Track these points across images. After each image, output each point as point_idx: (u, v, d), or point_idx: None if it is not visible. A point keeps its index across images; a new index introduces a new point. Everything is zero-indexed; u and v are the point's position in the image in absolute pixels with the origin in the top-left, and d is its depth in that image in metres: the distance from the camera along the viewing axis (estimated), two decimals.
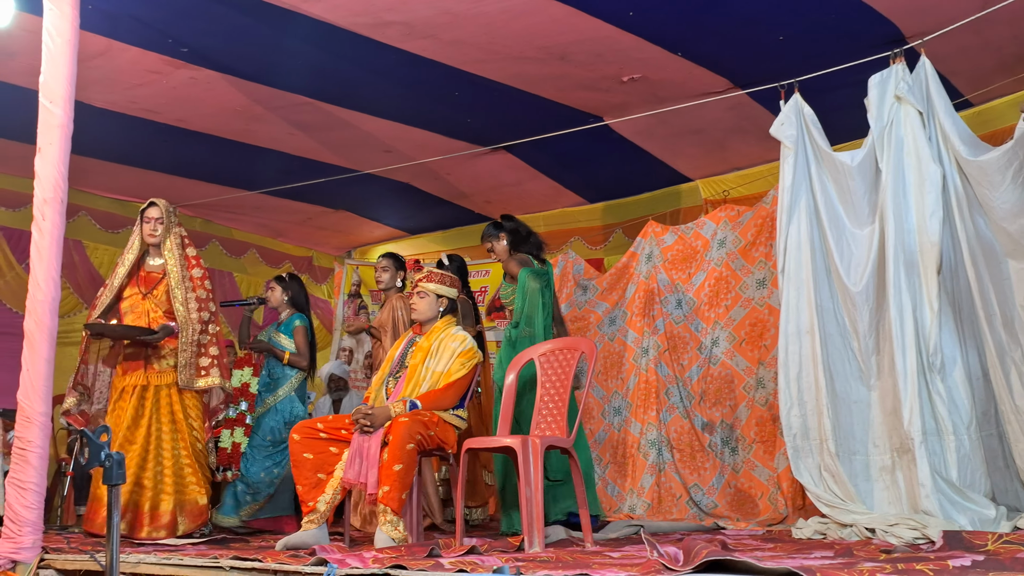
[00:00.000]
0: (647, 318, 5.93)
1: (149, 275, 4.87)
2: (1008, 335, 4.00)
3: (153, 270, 4.87)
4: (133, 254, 4.81)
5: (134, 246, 4.82)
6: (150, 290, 4.85)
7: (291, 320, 5.56)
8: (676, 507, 5.51)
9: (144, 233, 4.81)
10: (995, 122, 4.96)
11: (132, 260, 4.81)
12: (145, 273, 4.87)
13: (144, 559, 3.45)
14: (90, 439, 2.50)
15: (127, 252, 4.86)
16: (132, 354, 4.80)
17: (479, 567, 2.83)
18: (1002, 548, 3.04)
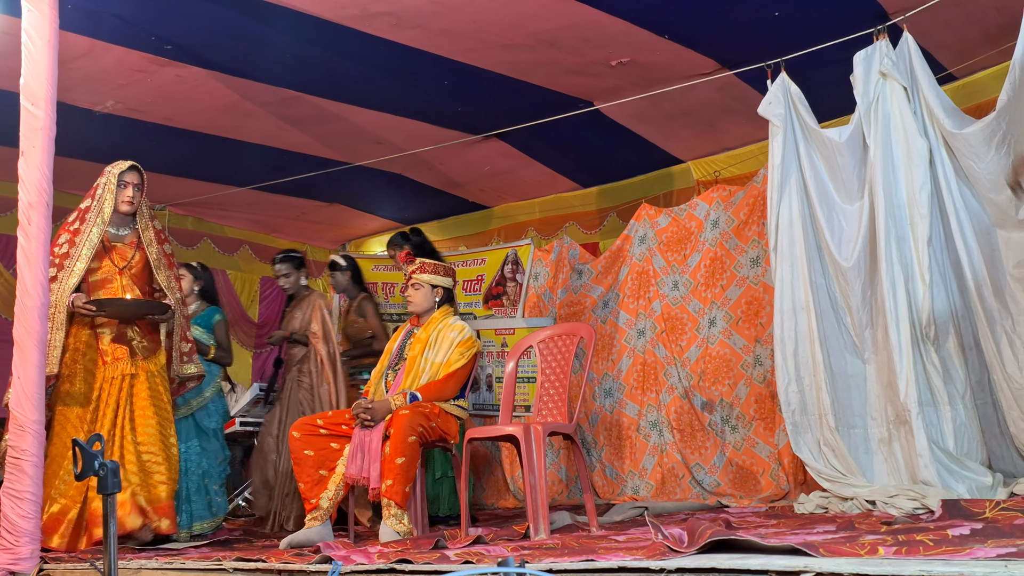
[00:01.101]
0: (642, 300, 5.95)
1: (119, 247, 4.43)
2: (999, 304, 4.03)
3: (120, 241, 4.44)
4: (101, 223, 4.34)
5: (103, 213, 4.35)
6: (127, 264, 4.42)
7: (209, 314, 5.43)
8: (679, 487, 5.54)
9: (119, 199, 4.38)
10: (980, 94, 4.97)
11: (100, 231, 4.35)
12: (112, 244, 4.41)
13: (146, 564, 3.45)
14: (83, 448, 2.48)
15: (91, 219, 4.34)
16: (116, 337, 4.36)
17: (485, 557, 2.84)
18: (1000, 515, 3.06)
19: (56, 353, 4.14)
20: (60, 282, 4.21)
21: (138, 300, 4.36)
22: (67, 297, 4.21)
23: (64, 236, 4.32)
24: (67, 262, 4.27)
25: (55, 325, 4.16)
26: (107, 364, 4.32)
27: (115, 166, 4.43)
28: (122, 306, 4.32)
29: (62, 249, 4.28)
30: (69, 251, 4.28)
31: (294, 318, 5.52)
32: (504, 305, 6.55)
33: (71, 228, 4.35)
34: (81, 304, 4.22)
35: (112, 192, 4.37)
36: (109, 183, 4.39)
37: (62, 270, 4.25)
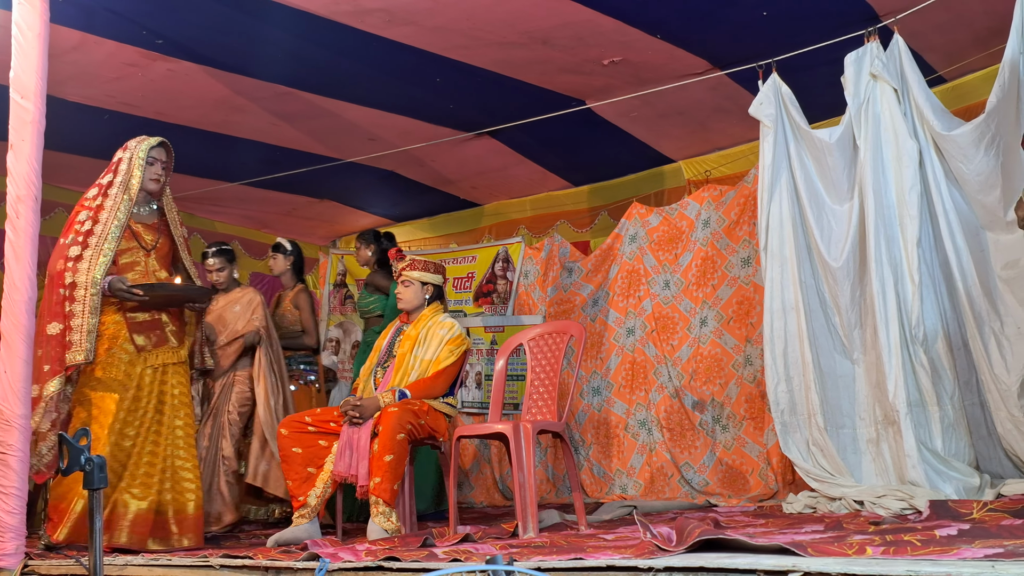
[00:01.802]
0: (632, 299, 5.95)
1: (143, 227, 4.13)
2: (987, 305, 4.06)
3: (143, 221, 4.14)
4: (128, 201, 4.03)
5: (130, 189, 4.04)
6: (153, 245, 4.13)
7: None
8: (668, 486, 5.56)
9: (147, 176, 4.08)
10: (969, 96, 4.99)
11: (128, 209, 4.03)
12: (136, 224, 4.11)
13: (131, 561, 3.44)
14: (69, 443, 2.46)
15: (115, 195, 4.03)
16: (149, 324, 4.07)
17: (473, 555, 2.84)
18: (987, 516, 3.08)
19: (91, 338, 3.86)
20: (87, 261, 3.91)
21: (188, 286, 4.13)
22: (99, 278, 3.90)
23: (84, 213, 4.02)
24: (92, 240, 3.95)
25: (87, 308, 3.88)
26: (141, 352, 4.02)
27: (142, 141, 4.16)
28: (173, 291, 4.04)
29: (84, 226, 3.98)
30: (93, 228, 3.97)
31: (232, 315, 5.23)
32: (494, 303, 6.55)
33: (92, 204, 4.04)
34: (126, 288, 3.93)
35: (140, 168, 4.08)
36: (136, 158, 4.08)
37: (87, 248, 3.93)
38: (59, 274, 3.91)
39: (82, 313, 3.86)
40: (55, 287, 3.90)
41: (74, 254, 3.91)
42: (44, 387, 3.80)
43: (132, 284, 3.96)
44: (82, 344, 3.83)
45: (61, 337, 3.83)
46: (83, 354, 3.84)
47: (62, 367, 3.81)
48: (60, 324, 3.85)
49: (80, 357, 3.84)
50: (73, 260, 3.90)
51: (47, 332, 3.83)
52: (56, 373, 3.80)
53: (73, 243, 3.92)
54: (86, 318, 3.86)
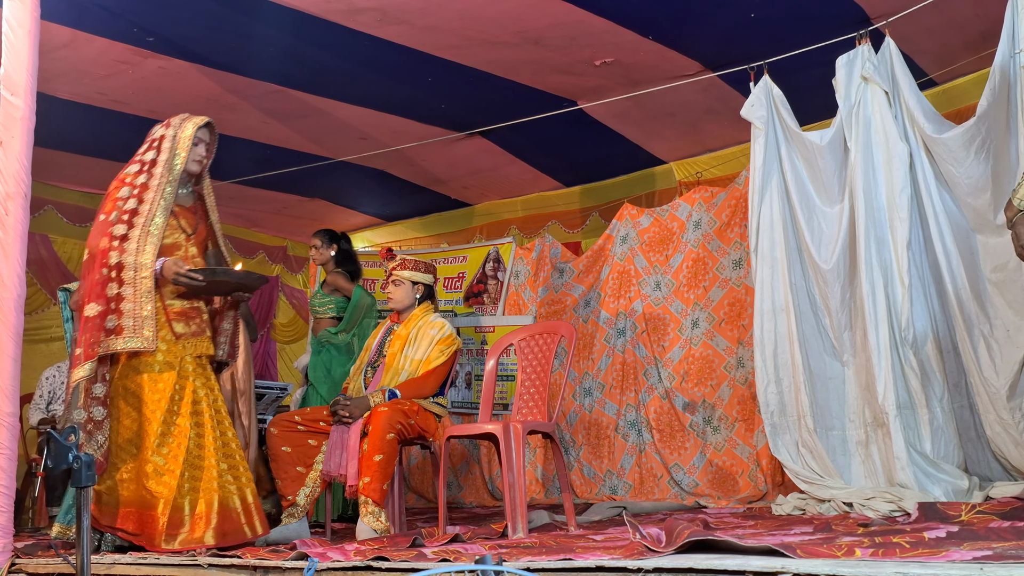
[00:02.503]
0: (623, 299, 5.96)
1: (182, 210, 3.89)
2: (977, 308, 4.07)
3: (183, 204, 3.90)
4: (173, 181, 3.77)
5: (174, 169, 3.79)
6: (194, 230, 3.91)
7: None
8: (658, 487, 5.56)
9: (191, 157, 3.84)
10: (960, 100, 5.02)
11: (173, 190, 3.78)
12: (178, 207, 3.87)
13: (119, 559, 3.41)
14: (57, 440, 2.45)
15: (159, 174, 3.77)
16: (189, 311, 3.82)
17: (462, 555, 2.84)
18: (976, 518, 3.09)
19: (149, 324, 3.58)
20: (135, 241, 3.64)
21: (247, 272, 3.91)
22: (150, 261, 3.64)
23: (127, 190, 3.76)
24: (137, 220, 3.68)
25: (139, 292, 3.60)
26: (179, 340, 3.76)
27: (188, 119, 3.92)
28: (233, 278, 3.80)
29: (127, 204, 3.71)
30: (138, 208, 3.70)
31: None
32: (485, 303, 6.54)
33: (135, 182, 3.77)
34: (184, 272, 3.68)
35: (186, 148, 3.83)
36: (181, 137, 3.84)
37: (133, 228, 3.66)
38: (103, 252, 3.63)
39: (134, 297, 3.58)
40: (97, 266, 3.63)
41: (119, 232, 3.64)
42: (73, 372, 3.55)
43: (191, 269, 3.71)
44: (138, 331, 3.56)
45: (100, 319, 3.55)
46: (139, 341, 3.56)
47: (95, 352, 3.53)
48: (100, 306, 3.57)
49: (135, 344, 3.56)
50: (119, 239, 3.63)
51: (85, 313, 3.58)
52: (89, 357, 3.52)
53: (118, 221, 3.67)
54: (139, 302, 3.58)
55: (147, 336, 3.58)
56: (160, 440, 3.64)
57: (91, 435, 3.57)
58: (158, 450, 3.63)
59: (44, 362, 6.24)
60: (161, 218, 3.70)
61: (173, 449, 3.64)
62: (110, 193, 3.79)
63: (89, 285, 3.63)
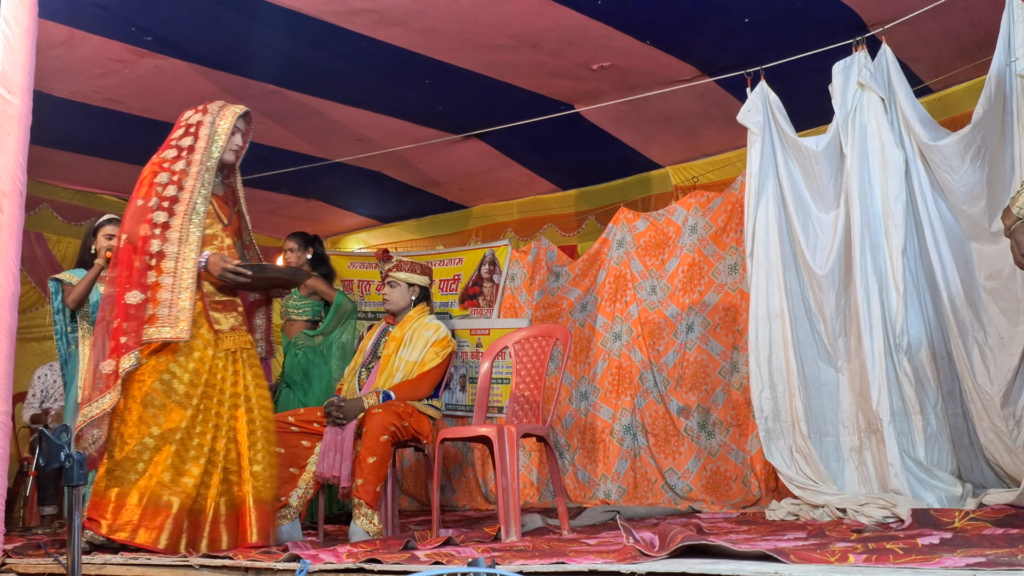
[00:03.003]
0: (619, 303, 5.96)
1: (217, 200, 3.79)
2: (971, 315, 4.07)
3: (216, 192, 3.79)
4: (211, 168, 3.68)
5: (211, 157, 3.68)
6: (229, 220, 3.81)
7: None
8: (651, 492, 5.56)
9: (229, 146, 3.74)
10: (955, 107, 5.03)
11: (212, 178, 3.68)
12: (214, 196, 3.76)
13: (110, 560, 3.40)
14: (49, 439, 2.44)
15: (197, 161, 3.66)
16: (228, 304, 3.72)
17: (455, 558, 2.83)
18: (969, 525, 3.10)
19: (186, 316, 3.48)
20: (177, 231, 3.55)
21: (291, 267, 3.83)
22: (193, 252, 3.57)
23: (164, 175, 3.66)
24: (178, 207, 3.58)
25: (179, 283, 3.52)
26: (217, 335, 3.66)
27: (226, 107, 3.80)
28: (278, 273, 3.71)
29: (167, 191, 3.61)
30: (178, 195, 3.60)
31: None
32: (480, 305, 6.54)
33: (174, 168, 3.67)
34: (232, 267, 3.60)
35: (225, 136, 3.72)
36: (220, 125, 3.73)
37: (174, 216, 3.57)
38: (144, 240, 3.55)
39: (173, 288, 3.50)
40: (138, 253, 3.56)
41: (160, 220, 3.55)
42: (120, 361, 3.45)
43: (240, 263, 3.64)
44: (175, 322, 3.46)
45: (142, 308, 3.48)
46: (174, 331, 3.46)
47: (139, 342, 3.46)
48: (142, 294, 3.50)
49: (168, 334, 3.46)
50: (160, 227, 3.54)
51: (126, 301, 3.49)
52: (137, 346, 3.46)
53: (158, 208, 3.57)
54: (178, 294, 3.50)
55: (181, 327, 3.47)
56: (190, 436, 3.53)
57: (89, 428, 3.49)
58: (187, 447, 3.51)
59: (37, 360, 6.22)
60: (203, 207, 3.61)
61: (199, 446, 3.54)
62: (146, 178, 3.68)
63: (128, 272, 3.54)
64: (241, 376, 3.68)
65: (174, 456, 3.50)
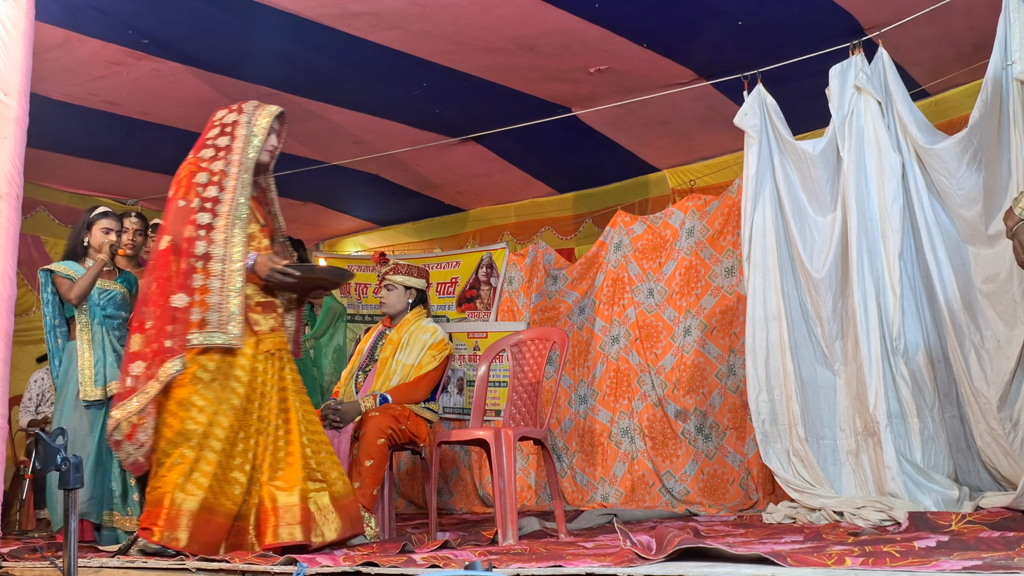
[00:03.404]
0: (616, 307, 5.96)
1: (254, 200, 3.70)
2: (968, 318, 4.08)
3: (252, 194, 3.71)
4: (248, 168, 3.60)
5: (248, 158, 3.61)
6: (266, 221, 3.73)
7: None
8: (649, 495, 5.56)
9: (265, 147, 3.66)
10: (952, 111, 5.04)
11: (250, 178, 3.59)
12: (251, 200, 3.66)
13: (107, 563, 3.39)
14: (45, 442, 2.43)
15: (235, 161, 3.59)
16: (269, 306, 3.65)
17: (452, 562, 2.83)
18: (966, 528, 3.10)
19: (236, 321, 3.42)
20: (221, 232, 3.48)
21: (333, 268, 3.73)
22: (239, 254, 3.48)
23: (203, 175, 3.59)
24: (220, 208, 3.51)
25: (227, 286, 3.45)
26: (257, 336, 3.56)
27: (261, 107, 3.72)
28: (322, 274, 3.61)
29: (208, 191, 3.54)
30: (219, 196, 3.54)
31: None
32: (477, 308, 6.54)
33: (212, 168, 3.60)
34: (280, 268, 3.52)
35: (262, 137, 3.64)
36: (257, 125, 3.65)
37: (217, 217, 3.50)
38: (189, 241, 3.48)
39: (221, 291, 3.43)
40: (182, 255, 3.48)
41: (204, 221, 3.48)
42: (163, 365, 3.38)
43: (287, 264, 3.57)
44: (223, 326, 3.41)
45: (187, 311, 3.42)
46: (226, 337, 3.41)
47: (184, 347, 3.41)
48: (188, 297, 3.43)
49: (221, 340, 3.41)
50: (204, 228, 3.47)
51: (171, 304, 3.43)
52: (182, 350, 3.40)
53: (201, 209, 3.50)
54: (227, 297, 3.43)
55: (234, 333, 3.42)
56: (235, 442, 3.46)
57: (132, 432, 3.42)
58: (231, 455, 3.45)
59: (34, 364, 6.21)
60: (245, 208, 3.54)
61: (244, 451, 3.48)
62: (184, 178, 3.62)
63: (170, 273, 3.47)
64: (281, 379, 3.60)
65: (219, 463, 3.42)
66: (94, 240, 4.52)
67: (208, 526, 3.38)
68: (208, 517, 3.38)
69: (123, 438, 3.42)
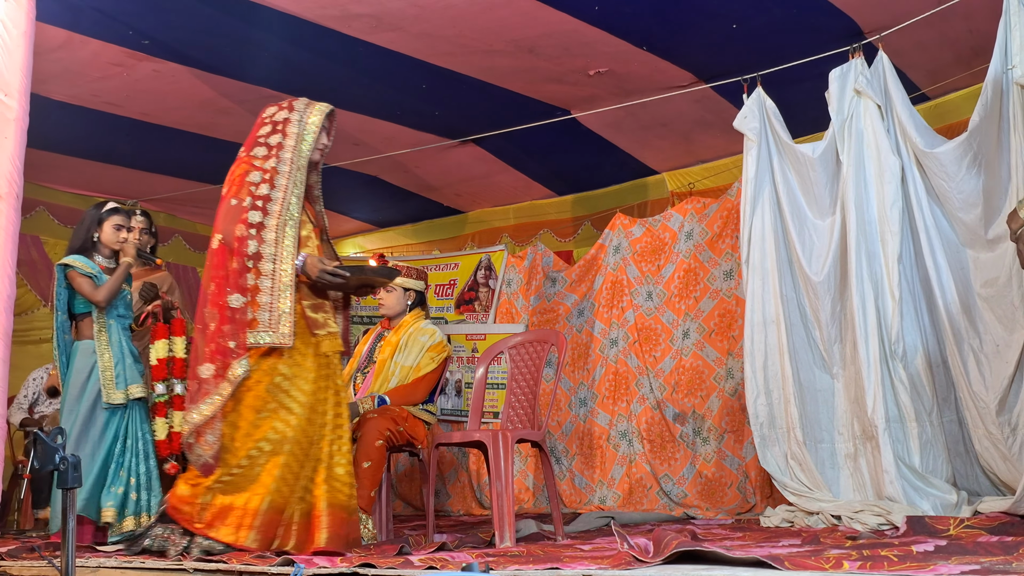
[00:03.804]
0: (615, 309, 5.96)
1: (306, 202, 3.67)
2: (967, 322, 4.08)
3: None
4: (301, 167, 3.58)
5: (301, 156, 3.59)
6: (316, 220, 3.70)
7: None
8: (646, 498, 5.56)
9: (316, 145, 3.63)
10: (951, 115, 5.04)
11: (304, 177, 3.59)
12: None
13: (104, 563, 3.39)
14: (44, 441, 2.43)
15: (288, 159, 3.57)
16: (321, 307, 3.62)
17: (449, 564, 2.83)
18: (964, 532, 3.10)
19: (286, 321, 3.42)
20: (272, 231, 3.47)
21: (383, 267, 3.68)
22: (290, 253, 3.48)
23: (256, 174, 3.57)
24: (271, 207, 3.49)
25: (278, 286, 3.45)
26: (314, 338, 3.56)
27: (311, 105, 3.69)
28: (373, 273, 3.56)
29: (260, 190, 3.52)
30: (271, 194, 3.51)
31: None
32: (476, 310, 6.54)
33: (264, 166, 3.58)
34: (331, 269, 3.50)
35: (314, 135, 3.62)
36: (308, 123, 3.62)
37: (268, 216, 3.48)
38: (240, 240, 3.46)
39: (272, 291, 3.43)
40: (235, 254, 3.47)
41: (255, 220, 3.47)
42: (230, 367, 3.38)
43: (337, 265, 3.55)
44: (276, 326, 3.41)
45: (244, 311, 3.42)
46: (275, 337, 3.41)
47: (245, 347, 3.41)
48: (243, 297, 3.43)
49: (269, 339, 3.41)
50: (255, 227, 3.46)
51: (229, 304, 3.42)
52: (245, 351, 3.40)
53: (252, 207, 3.48)
54: (277, 297, 3.43)
55: (284, 332, 3.41)
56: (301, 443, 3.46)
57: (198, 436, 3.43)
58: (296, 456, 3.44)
59: (33, 363, 6.20)
60: (296, 208, 3.52)
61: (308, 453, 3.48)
62: (239, 177, 3.60)
63: (225, 273, 3.47)
64: (334, 380, 3.60)
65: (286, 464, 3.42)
66: (105, 237, 4.45)
67: (273, 526, 3.38)
68: (275, 517, 3.39)
69: (195, 441, 3.43)
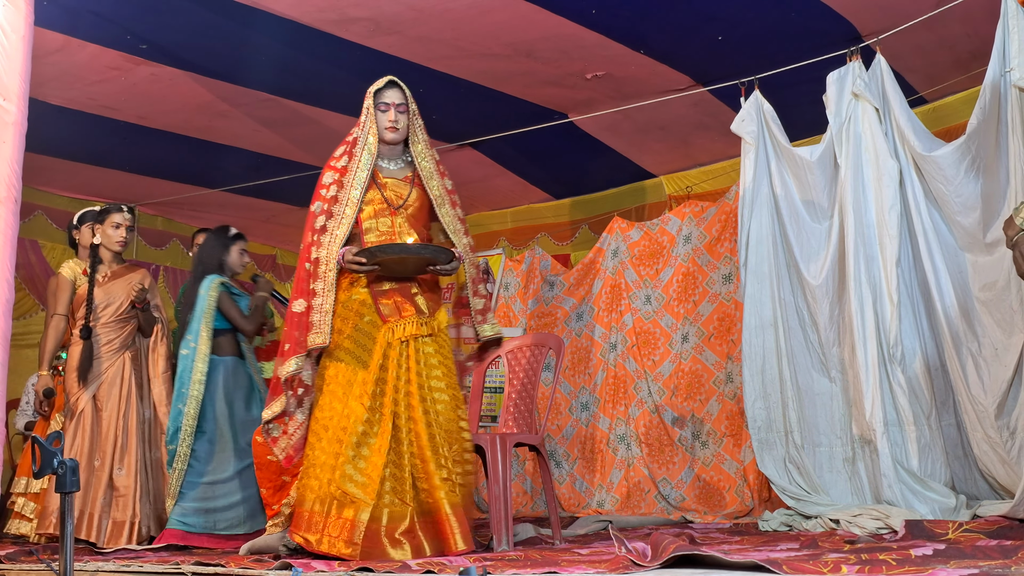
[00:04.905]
0: (614, 313, 5.96)
1: (391, 183, 3.60)
2: (965, 326, 4.08)
3: (393, 176, 3.61)
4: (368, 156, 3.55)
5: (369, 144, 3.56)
6: (403, 203, 3.60)
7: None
8: (645, 501, 5.55)
9: (380, 125, 3.56)
10: (949, 118, 5.04)
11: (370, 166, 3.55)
12: (383, 181, 3.58)
13: (103, 566, 3.39)
14: (41, 444, 2.42)
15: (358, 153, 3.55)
16: (395, 291, 3.53)
17: (447, 567, 2.82)
18: (963, 536, 3.10)
19: (328, 319, 3.45)
20: (330, 233, 3.49)
21: (422, 244, 3.51)
22: (337, 251, 3.49)
23: (330, 175, 3.57)
24: (336, 208, 3.51)
25: (326, 286, 3.48)
26: (387, 323, 3.49)
27: (373, 86, 3.69)
28: (403, 252, 3.45)
29: (330, 192, 3.53)
30: (338, 195, 3.52)
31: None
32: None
33: (338, 165, 3.59)
34: (351, 259, 3.45)
35: (372, 118, 3.58)
36: (367, 107, 3.61)
37: (331, 218, 3.50)
38: (307, 247, 3.54)
39: (323, 292, 3.47)
40: (301, 261, 3.57)
41: (319, 225, 3.51)
42: (281, 367, 3.46)
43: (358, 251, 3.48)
44: (321, 326, 3.45)
45: (305, 316, 3.47)
46: (322, 336, 3.45)
47: (302, 348, 3.44)
48: (305, 301, 3.49)
49: (319, 340, 3.45)
50: (318, 232, 3.51)
51: (293, 309, 3.54)
52: (295, 353, 3.45)
53: (320, 212, 3.53)
54: (326, 297, 3.46)
55: (325, 331, 3.46)
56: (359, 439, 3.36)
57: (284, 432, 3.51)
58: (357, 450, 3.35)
59: (31, 368, 6.19)
60: (354, 204, 3.49)
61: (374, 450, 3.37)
62: (319, 179, 3.62)
63: (296, 280, 3.58)
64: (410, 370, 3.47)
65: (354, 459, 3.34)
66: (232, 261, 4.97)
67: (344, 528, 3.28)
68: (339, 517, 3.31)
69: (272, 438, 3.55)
